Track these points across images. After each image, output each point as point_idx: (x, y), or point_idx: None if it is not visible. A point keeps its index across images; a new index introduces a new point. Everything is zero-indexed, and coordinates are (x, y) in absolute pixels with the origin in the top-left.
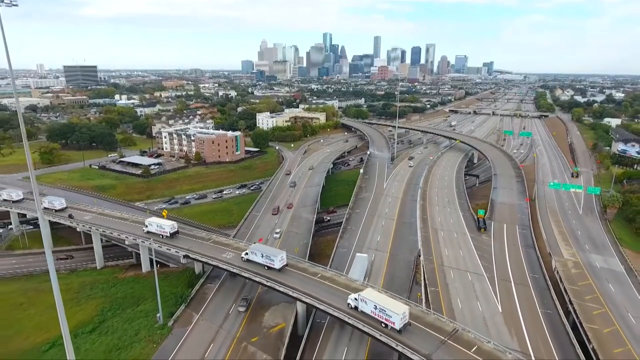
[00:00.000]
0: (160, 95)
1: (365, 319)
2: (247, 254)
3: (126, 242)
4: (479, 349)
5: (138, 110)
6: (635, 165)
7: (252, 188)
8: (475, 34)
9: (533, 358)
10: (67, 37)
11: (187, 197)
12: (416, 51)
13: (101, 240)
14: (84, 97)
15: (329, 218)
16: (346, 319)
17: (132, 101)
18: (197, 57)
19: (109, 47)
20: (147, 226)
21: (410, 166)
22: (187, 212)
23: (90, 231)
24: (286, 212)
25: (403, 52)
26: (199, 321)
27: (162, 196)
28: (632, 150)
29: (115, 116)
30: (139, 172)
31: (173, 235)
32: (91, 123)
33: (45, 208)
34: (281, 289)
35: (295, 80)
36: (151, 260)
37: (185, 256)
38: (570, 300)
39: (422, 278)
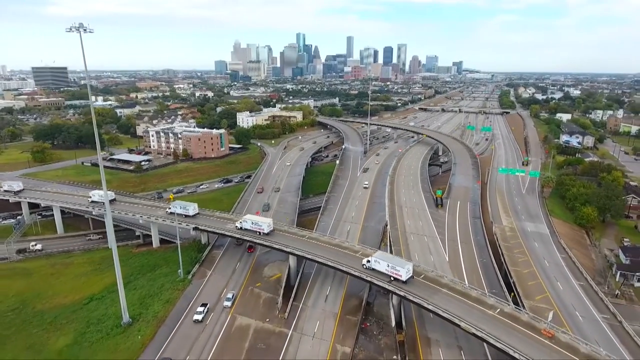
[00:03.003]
0: (137, 97)
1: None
2: (240, 222)
3: (140, 222)
4: (425, 277)
5: (117, 111)
6: (577, 154)
7: (236, 181)
8: (446, 34)
9: (466, 282)
10: (30, 38)
11: (192, 187)
12: (388, 51)
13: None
14: (60, 98)
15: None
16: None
17: (109, 102)
18: (170, 58)
19: (76, 48)
20: (170, 208)
21: (376, 163)
22: (189, 199)
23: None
24: (274, 195)
25: (375, 52)
26: (212, 275)
27: (155, 189)
28: (574, 141)
29: (97, 117)
30: (131, 167)
31: (195, 215)
32: (77, 124)
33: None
34: (276, 246)
35: (270, 81)
36: (163, 240)
37: (195, 228)
38: (502, 252)
39: (388, 240)
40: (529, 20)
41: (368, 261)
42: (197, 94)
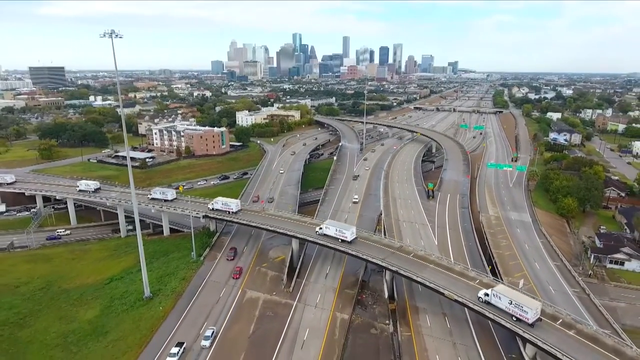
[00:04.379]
0: (135, 96)
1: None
2: (212, 204)
3: (152, 211)
4: (414, 254)
5: (118, 110)
6: (565, 151)
7: (235, 177)
8: (442, 34)
9: (452, 259)
10: (24, 37)
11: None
12: (384, 51)
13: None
14: (59, 98)
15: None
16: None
17: (108, 102)
18: (166, 58)
19: (71, 47)
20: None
21: (371, 159)
22: (199, 192)
23: (118, 205)
24: (276, 183)
25: (371, 52)
26: (222, 257)
27: (160, 184)
28: (561, 138)
29: (98, 116)
30: (136, 164)
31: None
32: (81, 122)
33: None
34: (280, 231)
35: (267, 81)
36: (173, 229)
37: (205, 216)
38: (486, 238)
39: (382, 227)
40: (524, 20)
41: (320, 228)
42: (195, 93)
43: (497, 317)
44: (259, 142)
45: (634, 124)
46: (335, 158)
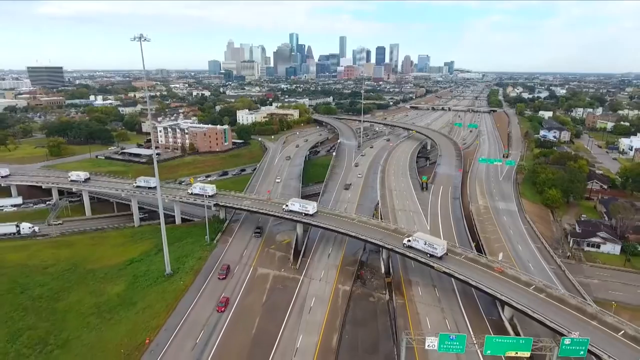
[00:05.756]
0: (135, 96)
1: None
2: (191, 189)
3: (166, 200)
4: (408, 235)
5: (119, 109)
6: (554, 147)
7: (234, 173)
8: (438, 34)
9: (442, 234)
10: (19, 37)
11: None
12: (381, 51)
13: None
14: (60, 98)
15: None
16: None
17: (109, 101)
18: (162, 58)
19: (66, 47)
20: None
21: (369, 155)
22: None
23: (132, 197)
24: (279, 176)
25: (368, 52)
26: (233, 240)
27: (167, 179)
28: (550, 135)
29: (101, 115)
30: (143, 160)
31: (214, 196)
32: (86, 121)
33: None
34: (286, 216)
35: (265, 80)
36: (183, 219)
37: (216, 204)
38: (475, 224)
39: (379, 215)
40: (519, 20)
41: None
42: (195, 93)
43: (416, 255)
44: (259, 139)
45: (622, 122)
46: (334, 154)
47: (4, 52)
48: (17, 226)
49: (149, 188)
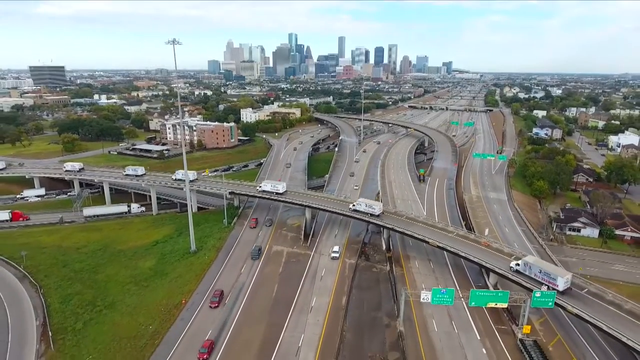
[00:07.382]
0: (138, 95)
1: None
2: (174, 175)
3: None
4: (406, 217)
5: (125, 108)
6: (546, 144)
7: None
8: (436, 34)
9: (437, 219)
10: (19, 36)
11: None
12: (379, 51)
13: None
14: (65, 97)
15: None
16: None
17: (113, 100)
18: (162, 57)
19: (65, 47)
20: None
21: (370, 151)
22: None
23: (151, 187)
24: (285, 171)
25: (367, 52)
26: (248, 223)
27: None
28: (542, 133)
29: (108, 113)
30: (155, 155)
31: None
32: (96, 119)
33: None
34: (294, 201)
35: (264, 80)
36: (199, 207)
37: (231, 192)
38: (467, 211)
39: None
40: (517, 21)
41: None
42: (197, 92)
43: (360, 217)
44: (264, 136)
45: (612, 121)
46: (337, 149)
47: (3, 52)
48: (129, 206)
49: (137, 176)
